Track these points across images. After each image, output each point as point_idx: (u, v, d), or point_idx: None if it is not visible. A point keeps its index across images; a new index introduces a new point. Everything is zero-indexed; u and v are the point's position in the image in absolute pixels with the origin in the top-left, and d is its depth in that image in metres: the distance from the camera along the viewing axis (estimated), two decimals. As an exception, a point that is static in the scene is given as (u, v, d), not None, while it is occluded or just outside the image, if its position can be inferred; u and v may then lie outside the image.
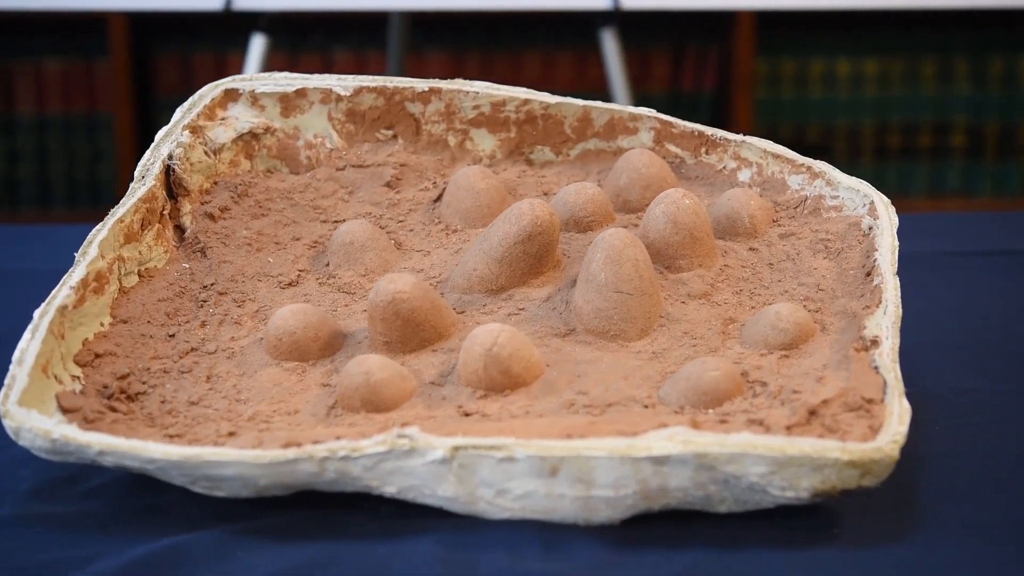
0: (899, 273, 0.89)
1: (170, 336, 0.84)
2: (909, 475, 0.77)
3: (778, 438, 0.70)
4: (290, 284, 0.88)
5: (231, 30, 2.58)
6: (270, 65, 2.40)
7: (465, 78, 0.96)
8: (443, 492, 0.71)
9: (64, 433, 0.72)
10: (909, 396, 0.87)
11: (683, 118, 0.94)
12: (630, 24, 2.63)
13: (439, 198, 0.93)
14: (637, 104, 2.65)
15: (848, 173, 0.89)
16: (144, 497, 0.75)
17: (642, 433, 0.70)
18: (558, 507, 0.71)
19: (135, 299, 0.85)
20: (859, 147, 2.72)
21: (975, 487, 0.76)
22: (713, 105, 2.71)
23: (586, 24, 2.42)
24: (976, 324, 1.03)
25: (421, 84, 0.95)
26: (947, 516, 0.73)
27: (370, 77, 0.95)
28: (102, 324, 0.82)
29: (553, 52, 2.67)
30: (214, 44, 2.64)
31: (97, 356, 0.80)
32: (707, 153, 0.93)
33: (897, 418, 0.72)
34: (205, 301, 0.86)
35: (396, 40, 1.94)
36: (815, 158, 0.91)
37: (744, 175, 0.92)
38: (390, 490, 0.72)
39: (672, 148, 0.94)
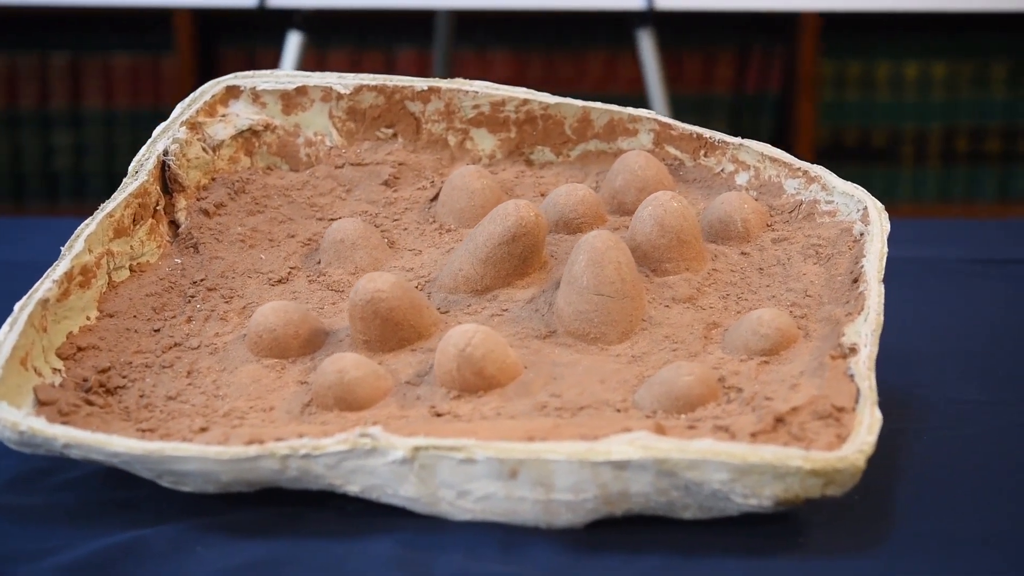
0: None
1: (155, 331, 0.84)
2: (886, 485, 0.76)
3: (740, 445, 0.69)
4: (280, 281, 0.88)
5: (296, 26, 2.60)
6: (318, 63, 2.42)
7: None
8: (405, 492, 0.71)
9: (31, 425, 0.73)
10: (903, 405, 0.87)
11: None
12: (693, 25, 2.62)
13: (436, 197, 0.93)
14: (692, 107, 2.65)
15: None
16: (117, 491, 0.76)
17: (604, 437, 0.70)
18: (519, 510, 0.71)
19: (123, 294, 0.85)
20: (926, 152, 2.68)
21: (952, 499, 0.75)
22: (777, 108, 2.69)
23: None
24: (990, 334, 1.01)
25: (420, 83, 0.95)
26: (917, 528, 0.72)
27: (371, 75, 0.95)
28: (88, 318, 0.83)
29: (617, 52, 2.66)
30: (277, 40, 2.65)
31: (80, 349, 0.81)
32: (706, 156, 0.92)
33: (866, 428, 0.71)
34: (193, 296, 0.87)
35: (443, 39, 1.94)
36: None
37: (742, 178, 0.91)
38: (353, 489, 0.72)
39: (672, 150, 0.93)
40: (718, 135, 0.92)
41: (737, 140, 0.91)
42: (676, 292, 0.83)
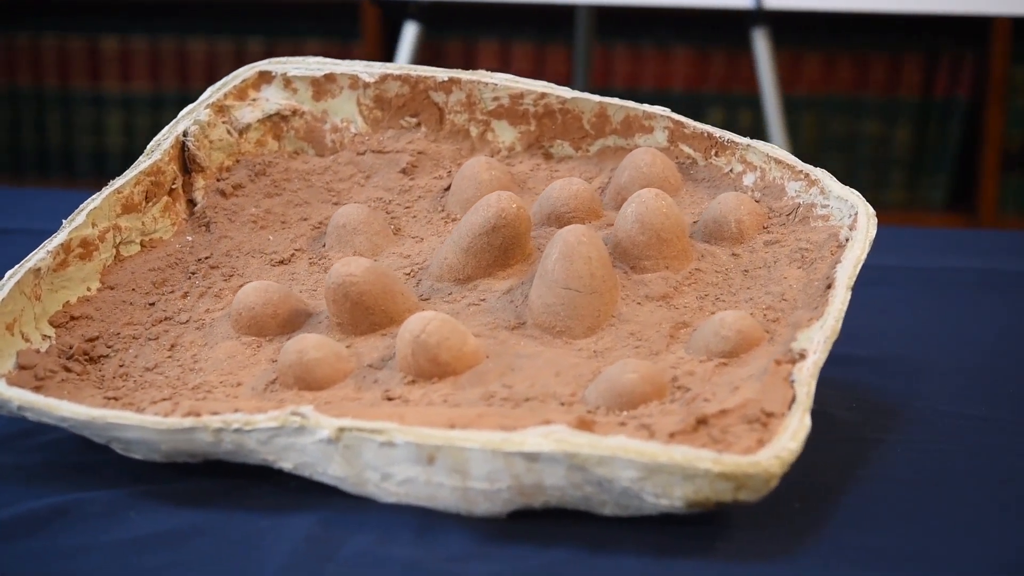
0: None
1: (150, 304, 0.87)
2: (835, 493, 0.75)
3: (652, 444, 0.68)
4: (281, 262, 0.90)
5: (475, 18, 2.63)
6: (418, 54, 2.43)
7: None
8: (333, 472, 0.73)
9: (-10, 387, 0.77)
10: (893, 415, 0.85)
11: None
12: (881, 27, 2.57)
13: (449, 187, 0.94)
14: (875, 110, 2.60)
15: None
16: (87, 454, 0.79)
17: (521, 428, 0.70)
18: (438, 496, 0.71)
19: (128, 267, 0.89)
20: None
21: (895, 512, 0.73)
22: (967, 113, 2.62)
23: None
24: (1009, 348, 0.98)
25: (442, 74, 0.96)
26: (844, 539, 0.70)
27: (396, 65, 0.97)
28: (88, 289, 0.87)
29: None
30: (464, 31, 2.69)
31: (73, 319, 0.84)
32: (716, 155, 0.91)
33: (790, 434, 0.69)
34: (194, 273, 0.90)
35: (583, 33, 1.94)
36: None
37: (748, 179, 0.90)
38: (287, 466, 0.74)
39: (685, 149, 0.92)
40: (728, 135, 0.91)
41: (745, 141, 0.90)
42: (651, 290, 0.83)
